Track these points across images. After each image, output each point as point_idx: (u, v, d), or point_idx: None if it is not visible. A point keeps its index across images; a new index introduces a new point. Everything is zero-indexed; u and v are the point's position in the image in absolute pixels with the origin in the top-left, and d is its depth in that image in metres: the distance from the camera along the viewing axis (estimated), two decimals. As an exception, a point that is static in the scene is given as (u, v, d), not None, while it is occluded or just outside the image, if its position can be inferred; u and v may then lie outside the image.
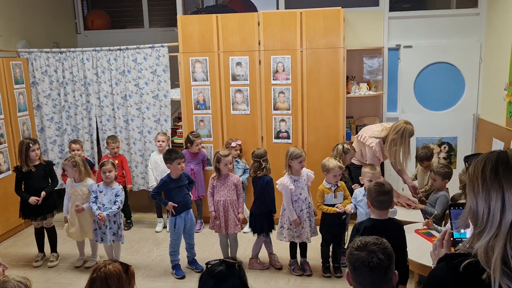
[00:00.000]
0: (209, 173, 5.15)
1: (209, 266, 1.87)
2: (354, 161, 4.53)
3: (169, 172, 4.19)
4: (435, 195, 3.93)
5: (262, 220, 4.17)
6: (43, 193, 4.36)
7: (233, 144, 4.97)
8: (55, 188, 4.60)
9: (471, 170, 1.36)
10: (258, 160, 4.16)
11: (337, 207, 3.94)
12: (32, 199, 4.32)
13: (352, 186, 4.17)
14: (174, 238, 4.18)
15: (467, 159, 1.57)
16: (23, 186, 4.43)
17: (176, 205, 4.09)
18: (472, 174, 1.34)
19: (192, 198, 4.38)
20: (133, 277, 2.21)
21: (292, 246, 4.23)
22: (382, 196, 2.88)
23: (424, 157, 4.59)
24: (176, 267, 4.21)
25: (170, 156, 4.08)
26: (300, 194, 4.04)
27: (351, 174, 4.44)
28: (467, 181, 1.38)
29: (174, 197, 4.11)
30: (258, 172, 4.16)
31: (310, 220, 4.09)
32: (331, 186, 4.00)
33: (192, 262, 4.30)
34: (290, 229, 4.09)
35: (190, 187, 4.29)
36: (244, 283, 1.84)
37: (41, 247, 4.55)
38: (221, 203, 4.18)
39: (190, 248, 4.30)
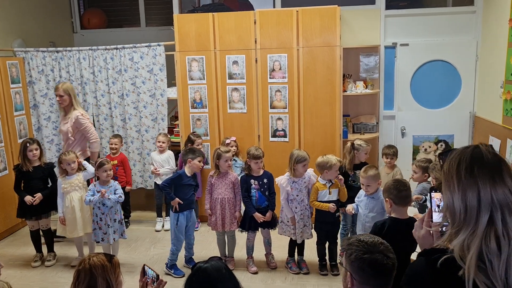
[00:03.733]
0: (206, 173, 5.17)
1: (196, 266, 1.92)
2: None
3: (183, 168, 4.21)
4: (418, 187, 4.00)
5: (246, 218, 4.19)
6: (38, 195, 4.34)
7: (227, 141, 4.97)
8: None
9: (446, 168, 1.35)
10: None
11: (330, 206, 3.94)
12: (27, 198, 4.31)
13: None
14: (175, 236, 4.15)
15: (441, 155, 1.57)
16: (22, 186, 4.43)
17: (182, 202, 4.08)
18: (447, 172, 1.34)
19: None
20: (118, 266, 2.26)
21: (291, 244, 4.23)
22: (404, 191, 2.85)
23: (394, 155, 4.59)
24: (173, 266, 4.20)
25: (194, 153, 4.13)
26: (297, 195, 4.05)
27: None
28: (443, 179, 1.37)
29: (182, 193, 4.10)
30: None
31: (304, 221, 4.08)
32: (326, 182, 4.01)
33: (189, 261, 4.30)
34: (288, 226, 4.10)
35: (195, 190, 4.29)
36: (231, 274, 1.90)
37: (38, 248, 4.54)
38: (219, 201, 4.19)
39: (189, 247, 4.29)
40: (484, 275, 1.20)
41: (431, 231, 1.51)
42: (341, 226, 4.28)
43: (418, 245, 2.16)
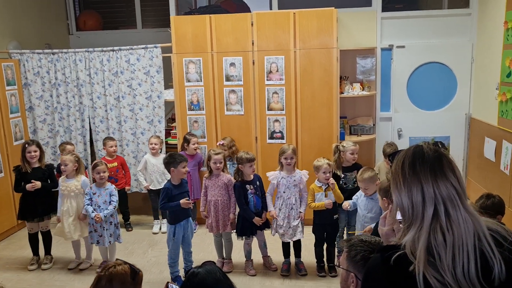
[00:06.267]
0: (203, 174, 5.16)
1: (190, 271, 1.92)
2: None
3: (169, 179, 4.06)
4: None
5: (245, 224, 4.16)
6: (38, 183, 4.26)
7: (218, 143, 5.00)
8: (54, 189, 4.50)
9: (393, 167, 1.41)
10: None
11: (326, 203, 3.93)
12: (28, 185, 4.24)
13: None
14: (173, 248, 4.00)
15: (390, 157, 1.61)
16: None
17: (191, 202, 3.97)
18: (394, 171, 1.40)
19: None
20: (140, 284, 2.20)
21: (284, 245, 4.23)
22: None
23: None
24: (177, 279, 4.03)
25: (174, 159, 3.90)
26: (284, 192, 4.06)
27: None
28: (391, 178, 1.42)
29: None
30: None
31: (289, 221, 4.07)
32: (322, 185, 4.02)
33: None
34: (275, 224, 4.13)
35: (188, 195, 4.14)
36: (225, 277, 1.90)
37: (35, 251, 4.51)
38: (212, 203, 4.18)
39: (188, 256, 4.16)
40: (433, 269, 1.23)
41: (394, 228, 1.57)
42: None
43: None
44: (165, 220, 5.26)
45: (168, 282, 2.12)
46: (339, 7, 5.06)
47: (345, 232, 4.38)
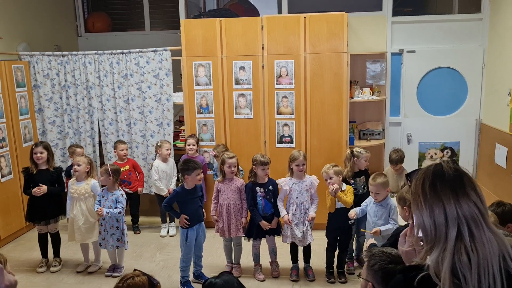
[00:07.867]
0: (209, 177, 5.16)
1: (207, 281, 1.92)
2: None
3: (183, 183, 4.05)
4: None
5: (252, 226, 4.16)
6: (44, 187, 4.23)
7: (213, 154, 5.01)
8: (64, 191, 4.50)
9: (413, 187, 1.39)
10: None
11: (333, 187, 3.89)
12: (34, 190, 4.22)
13: None
14: (186, 252, 3.98)
15: (409, 176, 1.58)
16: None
17: (188, 217, 3.92)
18: (414, 191, 1.38)
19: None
20: None
21: (292, 250, 4.22)
22: None
23: (399, 160, 4.76)
24: (186, 283, 4.02)
25: (188, 166, 3.88)
26: (296, 197, 4.04)
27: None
28: (411, 198, 1.40)
29: (187, 209, 3.94)
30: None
31: (303, 225, 4.05)
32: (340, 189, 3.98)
33: (199, 275, 4.17)
34: (286, 231, 4.10)
35: (201, 201, 4.13)
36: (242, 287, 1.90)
37: (44, 253, 4.51)
38: (225, 207, 4.17)
39: (198, 260, 4.15)
40: None
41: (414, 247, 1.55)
42: None
43: None
44: (173, 224, 5.28)
45: None
46: (350, 11, 5.04)
47: (354, 239, 4.35)
